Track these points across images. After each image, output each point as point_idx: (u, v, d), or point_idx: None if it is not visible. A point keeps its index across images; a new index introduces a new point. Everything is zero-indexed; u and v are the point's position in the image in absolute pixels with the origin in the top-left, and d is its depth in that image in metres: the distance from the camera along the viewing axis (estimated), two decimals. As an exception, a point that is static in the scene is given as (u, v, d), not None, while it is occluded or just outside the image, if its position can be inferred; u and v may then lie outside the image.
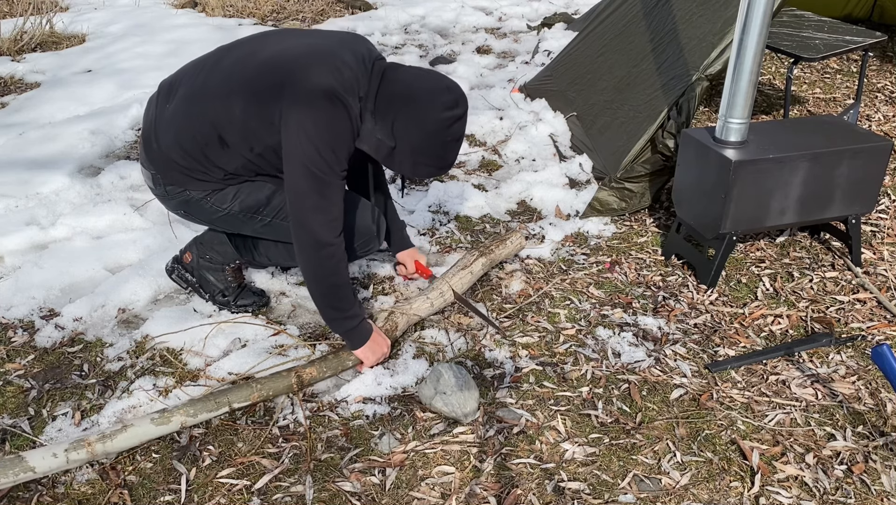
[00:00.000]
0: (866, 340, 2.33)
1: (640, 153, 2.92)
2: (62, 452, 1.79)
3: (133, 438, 1.87)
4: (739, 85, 2.35)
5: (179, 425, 1.92)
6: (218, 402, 1.96)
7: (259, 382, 2.03)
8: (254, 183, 2.16)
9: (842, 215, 2.61)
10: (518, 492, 1.80)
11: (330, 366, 2.13)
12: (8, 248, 2.69)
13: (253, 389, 2.01)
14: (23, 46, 4.80)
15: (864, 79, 3.63)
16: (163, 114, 2.13)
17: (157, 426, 1.89)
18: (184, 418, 1.92)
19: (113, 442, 1.84)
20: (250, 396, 2.00)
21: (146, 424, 1.88)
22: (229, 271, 2.39)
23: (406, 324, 2.30)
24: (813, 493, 1.81)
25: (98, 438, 1.82)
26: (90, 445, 1.81)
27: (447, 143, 2.00)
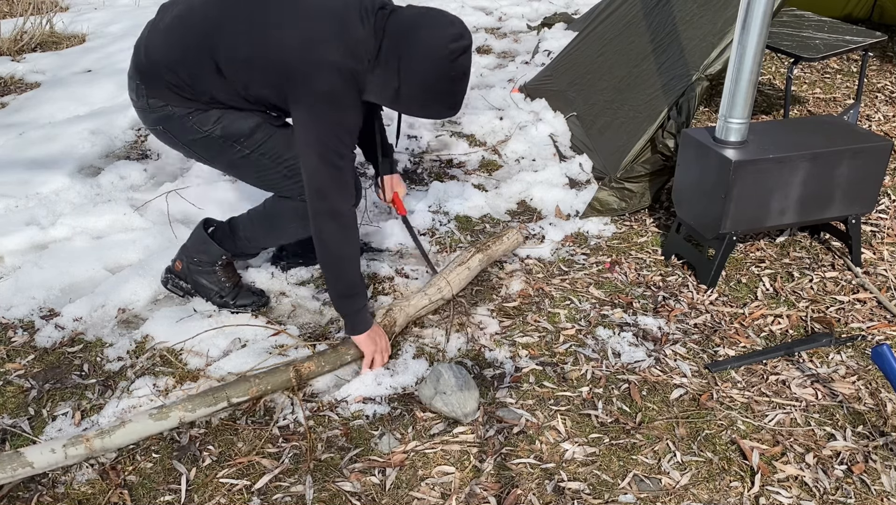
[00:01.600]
0: (866, 340, 2.33)
1: (640, 153, 2.92)
2: (60, 448, 1.79)
3: (131, 434, 1.87)
4: (739, 85, 2.35)
5: (178, 421, 1.92)
6: (216, 396, 1.96)
7: (257, 377, 2.03)
8: (240, 112, 2.09)
9: (842, 215, 2.61)
10: (518, 492, 1.80)
11: (328, 360, 2.13)
12: (8, 248, 2.69)
13: (251, 383, 2.01)
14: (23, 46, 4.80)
15: (864, 79, 3.63)
16: (157, 26, 2.07)
17: (156, 421, 1.89)
18: (182, 414, 1.92)
19: (111, 438, 1.84)
20: (248, 390, 2.00)
21: (144, 419, 1.88)
22: (220, 271, 2.38)
23: (405, 320, 2.29)
24: (813, 493, 1.81)
25: (96, 434, 1.82)
26: (88, 440, 1.81)
27: (454, 77, 1.96)
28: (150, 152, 3.48)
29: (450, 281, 2.41)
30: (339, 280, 2.10)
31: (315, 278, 2.59)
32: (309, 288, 2.54)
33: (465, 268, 2.47)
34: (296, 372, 2.06)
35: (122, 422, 1.86)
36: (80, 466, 1.86)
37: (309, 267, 2.64)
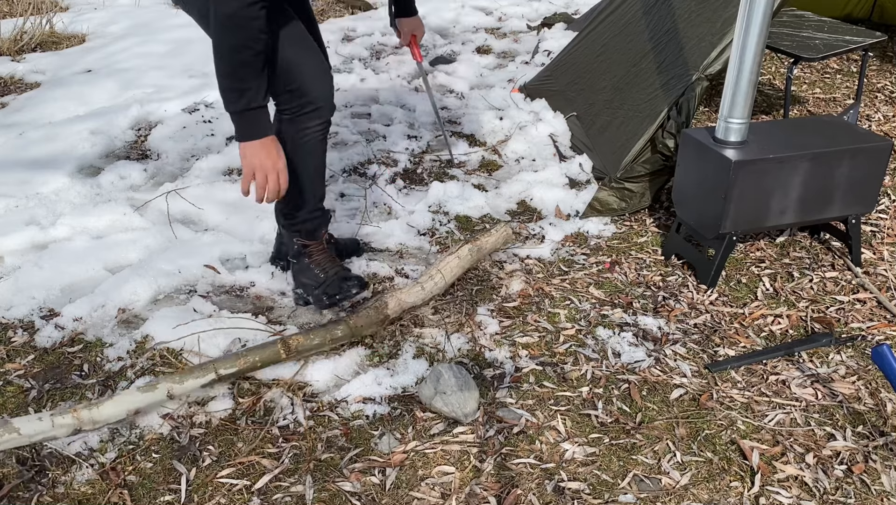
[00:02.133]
0: (866, 340, 2.33)
1: (640, 153, 2.92)
2: (48, 417, 1.80)
3: (119, 406, 1.87)
4: (739, 85, 2.35)
5: (166, 393, 1.93)
6: (204, 368, 1.97)
7: (246, 350, 2.04)
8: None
9: (842, 215, 2.61)
10: (518, 492, 1.80)
11: (318, 334, 2.14)
12: (8, 248, 2.69)
13: (239, 356, 2.02)
14: (23, 46, 4.80)
15: (864, 79, 3.63)
16: None
17: (143, 394, 1.90)
18: (170, 386, 1.93)
19: (99, 410, 1.85)
20: (236, 362, 2.01)
21: (132, 392, 1.90)
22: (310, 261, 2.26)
23: (397, 307, 2.28)
24: (813, 493, 1.81)
25: (84, 406, 1.84)
26: (76, 411, 1.82)
27: None
28: (150, 152, 3.48)
29: (441, 269, 2.41)
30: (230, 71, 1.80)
31: (315, 278, 2.59)
32: (309, 288, 2.54)
33: (454, 257, 2.46)
34: (284, 345, 2.06)
35: (109, 394, 1.87)
36: (80, 465, 1.86)
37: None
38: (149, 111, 3.80)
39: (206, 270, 2.59)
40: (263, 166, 1.89)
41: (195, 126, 3.66)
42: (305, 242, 2.28)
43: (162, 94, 4.00)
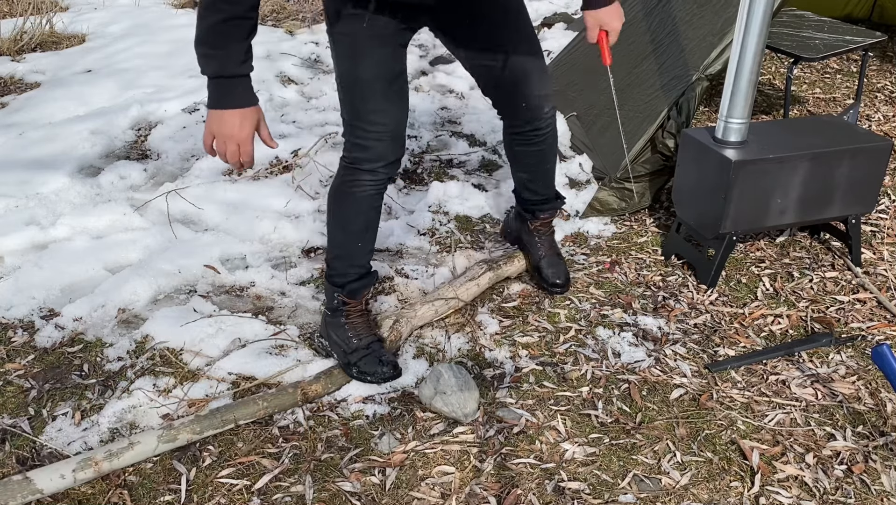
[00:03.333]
0: (866, 340, 2.33)
1: (640, 153, 2.92)
2: (70, 473, 1.79)
3: (140, 456, 1.88)
4: (739, 85, 2.35)
5: (186, 441, 1.93)
6: (224, 419, 1.97)
7: (264, 398, 2.03)
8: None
9: (842, 215, 2.61)
10: (518, 492, 1.80)
11: (335, 382, 2.13)
12: (8, 248, 2.69)
13: (258, 405, 2.01)
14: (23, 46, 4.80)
15: (864, 79, 3.63)
16: None
17: (163, 443, 1.90)
18: (190, 435, 1.93)
19: (119, 460, 1.85)
20: (256, 413, 2.01)
21: (153, 441, 1.89)
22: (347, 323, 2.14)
23: (409, 330, 2.30)
24: (813, 493, 1.81)
25: (105, 457, 1.83)
26: (97, 463, 1.82)
27: None
28: (150, 152, 3.48)
29: (458, 294, 2.42)
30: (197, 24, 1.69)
31: (315, 278, 2.59)
32: (309, 288, 2.54)
33: (474, 284, 2.47)
34: (303, 394, 2.06)
35: (130, 444, 1.87)
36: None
37: (309, 267, 2.64)
38: (149, 111, 3.80)
39: (206, 269, 2.59)
40: (221, 133, 1.76)
41: (195, 126, 3.66)
42: (345, 300, 2.15)
43: (162, 94, 4.00)
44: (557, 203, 2.49)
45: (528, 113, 2.21)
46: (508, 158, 2.41)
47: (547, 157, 2.35)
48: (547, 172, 2.40)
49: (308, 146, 3.41)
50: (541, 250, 2.50)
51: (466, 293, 2.44)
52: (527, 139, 2.28)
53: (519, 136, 2.29)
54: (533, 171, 2.39)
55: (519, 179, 2.44)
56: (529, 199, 2.46)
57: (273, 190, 3.07)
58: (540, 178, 2.41)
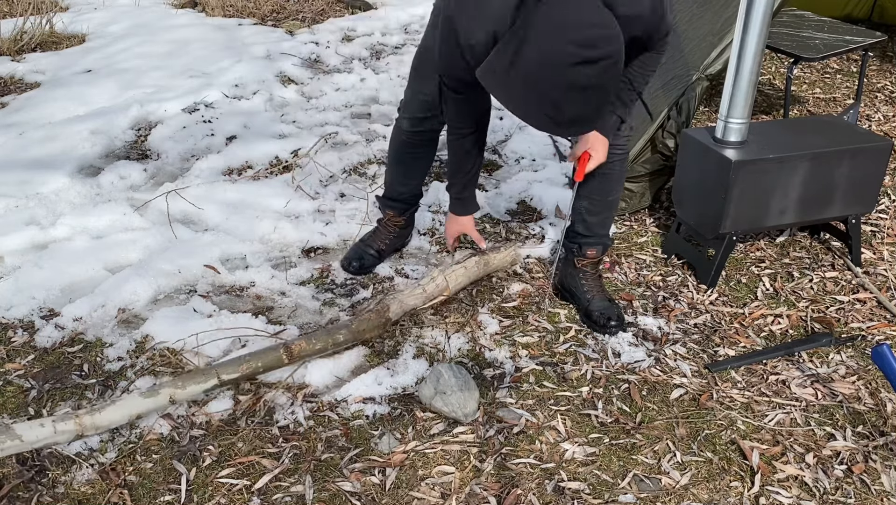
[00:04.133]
0: (866, 340, 2.33)
1: (640, 153, 2.92)
2: (49, 423, 1.78)
3: (121, 411, 1.86)
4: (739, 85, 2.35)
5: (168, 398, 1.91)
6: (206, 374, 1.96)
7: (249, 355, 2.03)
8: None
9: (842, 215, 2.61)
10: (518, 492, 1.80)
11: (320, 339, 2.13)
12: (8, 248, 2.69)
13: (241, 361, 2.01)
14: (23, 46, 4.79)
15: (864, 79, 3.63)
16: None
17: (146, 399, 1.88)
18: (172, 390, 1.92)
19: (101, 415, 1.83)
20: (239, 368, 2.00)
21: (135, 397, 1.88)
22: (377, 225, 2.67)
23: (399, 309, 2.29)
24: (813, 493, 1.81)
25: (86, 411, 1.82)
26: (78, 417, 1.80)
27: (561, 85, 1.62)
28: (150, 152, 3.48)
29: (447, 277, 2.41)
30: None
31: (315, 278, 2.59)
32: (309, 288, 2.54)
33: (461, 267, 2.45)
34: (287, 350, 2.06)
35: (112, 400, 1.85)
36: (80, 465, 1.86)
37: (309, 266, 2.64)
38: (149, 111, 3.80)
39: (206, 269, 2.59)
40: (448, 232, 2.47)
41: (195, 126, 3.66)
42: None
43: (162, 94, 4.00)
44: (606, 241, 2.45)
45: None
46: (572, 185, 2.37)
47: (612, 186, 2.34)
48: (607, 206, 2.38)
49: (308, 146, 3.41)
50: (588, 293, 2.40)
51: (454, 276, 2.42)
52: None
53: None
54: (594, 200, 2.35)
55: (578, 209, 2.40)
56: (581, 232, 2.41)
57: (273, 190, 3.07)
58: (598, 210, 2.37)
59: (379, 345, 2.28)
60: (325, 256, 2.73)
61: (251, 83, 4.20)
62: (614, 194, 2.37)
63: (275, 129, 3.65)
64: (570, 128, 1.81)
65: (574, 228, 2.44)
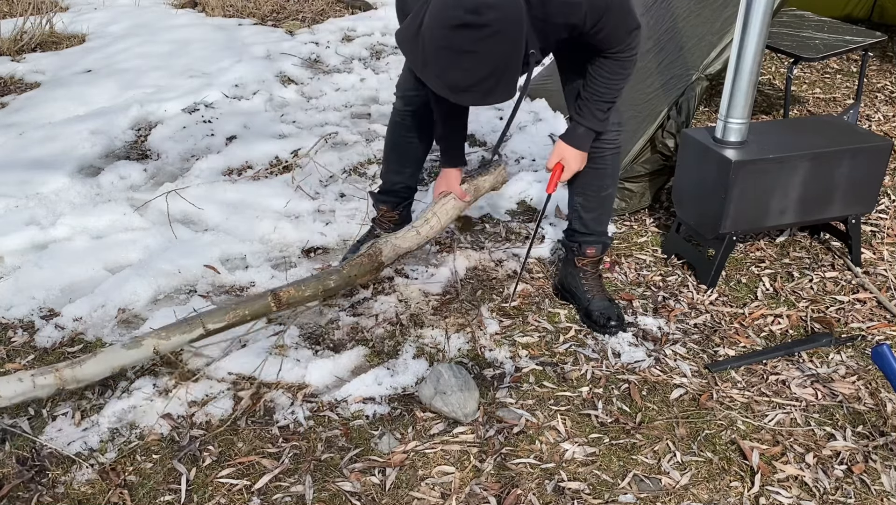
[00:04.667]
0: (866, 340, 2.33)
1: (640, 153, 2.92)
2: (28, 377, 1.74)
3: (103, 364, 1.80)
4: (739, 85, 2.35)
5: (152, 349, 1.85)
6: (191, 324, 1.90)
7: (234, 303, 1.96)
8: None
9: (842, 215, 2.61)
10: (518, 492, 1.80)
11: (310, 286, 2.06)
12: (8, 248, 2.69)
13: (227, 310, 1.94)
14: (23, 46, 4.80)
15: (864, 79, 3.63)
16: None
17: (128, 351, 1.82)
18: (156, 342, 1.86)
19: (82, 368, 1.77)
20: (225, 316, 1.94)
21: (117, 349, 1.81)
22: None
23: (393, 253, 2.23)
24: (813, 493, 1.81)
25: (67, 365, 1.76)
26: (58, 370, 1.75)
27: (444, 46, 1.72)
28: (150, 152, 3.48)
29: (437, 212, 2.34)
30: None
31: (315, 278, 2.59)
32: (309, 288, 2.54)
33: (451, 198, 2.38)
34: (274, 297, 1.98)
35: (93, 352, 1.78)
36: (80, 466, 1.86)
37: (308, 266, 2.64)
38: (149, 111, 3.80)
39: (206, 270, 2.59)
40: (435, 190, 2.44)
41: (195, 126, 3.66)
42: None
43: (162, 95, 4.00)
44: (606, 239, 2.45)
45: None
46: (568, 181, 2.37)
47: (605, 181, 2.33)
48: (602, 203, 2.38)
49: (308, 146, 3.41)
50: (588, 293, 2.40)
51: (444, 209, 2.36)
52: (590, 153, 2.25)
53: None
54: (588, 196, 2.36)
55: (573, 206, 2.41)
56: (579, 230, 2.42)
57: (273, 190, 3.07)
58: (594, 206, 2.37)
59: (379, 345, 2.28)
60: (325, 256, 2.73)
61: (251, 83, 4.20)
62: (608, 190, 2.36)
63: (275, 129, 3.65)
64: (458, 94, 1.83)
65: (572, 227, 2.44)
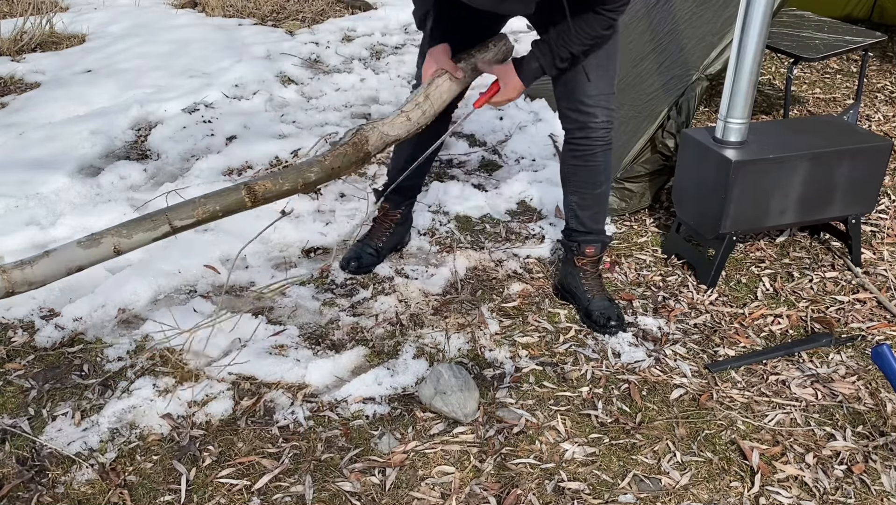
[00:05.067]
0: (866, 340, 2.33)
1: (640, 153, 2.92)
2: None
3: (57, 264, 1.64)
4: (739, 85, 2.35)
5: (112, 249, 1.68)
6: (155, 220, 1.72)
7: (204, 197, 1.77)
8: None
9: (842, 215, 2.61)
10: (518, 492, 1.80)
11: (288, 178, 1.87)
12: (8, 248, 2.69)
13: (196, 205, 1.73)
14: (23, 46, 4.79)
15: (864, 79, 3.63)
16: None
17: (85, 250, 1.65)
18: (116, 240, 1.67)
19: (34, 269, 1.62)
20: (193, 213, 1.75)
21: (72, 246, 1.65)
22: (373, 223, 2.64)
23: (379, 142, 2.01)
24: (813, 493, 1.81)
25: (16, 266, 1.62)
26: (5, 272, 1.60)
27: None
28: (150, 152, 3.48)
29: (429, 94, 2.10)
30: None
31: (315, 278, 2.59)
32: (309, 288, 2.54)
33: (444, 79, 2.14)
34: (248, 191, 1.78)
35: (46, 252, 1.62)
36: (80, 465, 1.86)
37: (309, 267, 2.64)
38: (149, 111, 3.80)
39: (206, 269, 2.59)
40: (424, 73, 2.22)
41: (195, 126, 3.66)
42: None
43: (162, 95, 4.00)
44: (605, 238, 2.45)
45: (581, 117, 2.22)
46: (563, 180, 2.39)
47: (599, 178, 2.33)
48: (597, 200, 2.37)
49: (308, 146, 3.41)
50: (588, 292, 2.40)
51: (437, 92, 2.14)
52: (578, 150, 2.27)
53: (571, 146, 2.29)
54: (583, 194, 2.36)
55: (569, 205, 2.41)
56: (576, 229, 2.41)
57: (273, 190, 3.07)
58: (589, 204, 2.37)
59: (379, 345, 2.28)
60: (325, 256, 2.73)
61: (251, 83, 4.20)
62: (602, 186, 2.36)
63: (275, 129, 3.65)
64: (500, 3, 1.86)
65: (570, 226, 2.45)
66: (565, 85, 2.22)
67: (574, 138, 2.27)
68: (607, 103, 2.22)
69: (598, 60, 2.15)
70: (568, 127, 2.28)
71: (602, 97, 2.20)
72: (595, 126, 2.22)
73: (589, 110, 2.21)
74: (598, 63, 2.16)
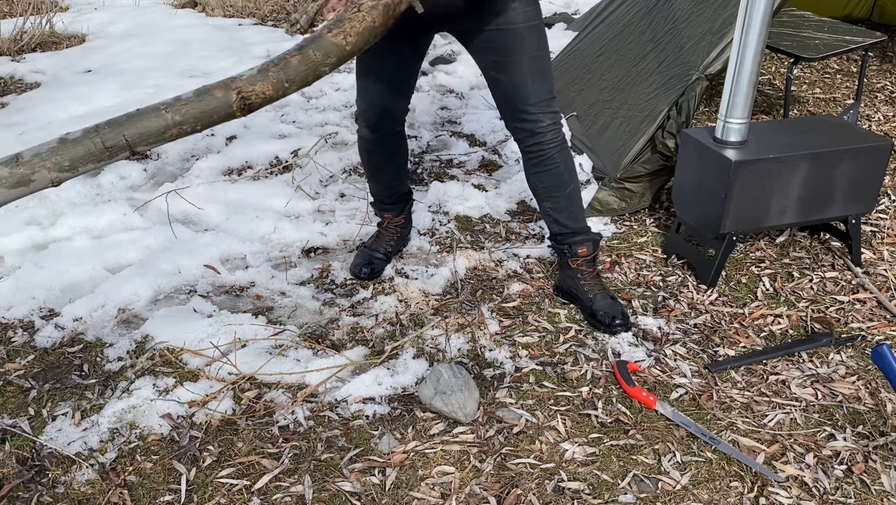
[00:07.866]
0: (866, 340, 2.33)
1: (640, 153, 2.92)
2: None
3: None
4: (739, 85, 2.35)
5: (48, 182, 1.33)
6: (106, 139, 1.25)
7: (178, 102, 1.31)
8: None
9: (842, 215, 2.61)
10: (518, 492, 1.80)
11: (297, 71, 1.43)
12: (8, 248, 2.69)
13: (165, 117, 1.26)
14: (23, 46, 4.80)
15: (864, 79, 3.63)
16: None
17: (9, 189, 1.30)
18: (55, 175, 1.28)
19: None
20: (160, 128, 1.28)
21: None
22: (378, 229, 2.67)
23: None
24: (813, 493, 1.81)
25: None
26: None
27: None
28: (150, 152, 3.48)
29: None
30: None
31: (315, 278, 2.59)
32: (309, 288, 2.54)
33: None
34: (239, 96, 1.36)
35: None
36: (80, 465, 1.86)
37: (309, 266, 2.64)
38: (149, 111, 3.80)
39: (206, 269, 2.59)
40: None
41: (195, 126, 3.66)
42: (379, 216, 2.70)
43: (162, 95, 4.00)
44: (593, 235, 2.45)
45: (527, 125, 2.25)
46: (532, 191, 2.41)
47: (563, 178, 2.33)
48: (569, 200, 2.37)
49: (308, 146, 3.41)
50: (590, 292, 2.39)
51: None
52: (535, 157, 2.30)
53: (527, 155, 2.32)
54: (554, 198, 2.36)
55: (545, 211, 2.42)
56: (560, 232, 2.42)
57: (273, 190, 3.08)
58: (563, 206, 2.37)
59: (379, 345, 2.28)
60: (325, 255, 2.73)
61: (251, 83, 4.19)
62: (570, 185, 2.36)
63: (275, 129, 3.65)
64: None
65: (553, 231, 2.45)
66: (505, 101, 2.25)
67: (528, 147, 2.30)
68: (549, 107, 2.25)
69: (532, 69, 2.18)
70: (519, 137, 2.30)
71: (543, 103, 2.23)
72: (543, 130, 2.25)
73: (533, 118, 2.24)
74: (533, 71, 2.18)
